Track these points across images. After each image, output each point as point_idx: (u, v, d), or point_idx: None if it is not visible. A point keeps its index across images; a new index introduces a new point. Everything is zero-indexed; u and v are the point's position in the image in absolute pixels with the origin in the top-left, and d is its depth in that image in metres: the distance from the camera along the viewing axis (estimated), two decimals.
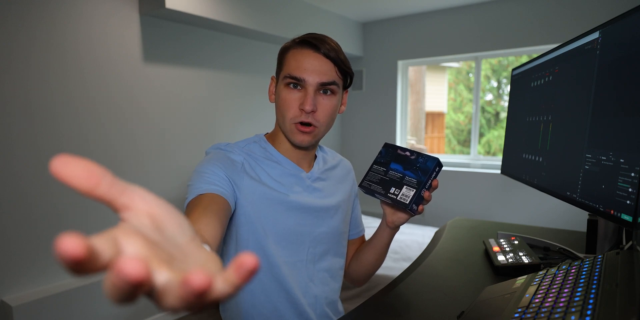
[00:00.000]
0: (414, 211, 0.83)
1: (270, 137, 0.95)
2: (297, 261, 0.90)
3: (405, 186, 0.84)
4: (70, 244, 0.18)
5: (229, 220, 0.81)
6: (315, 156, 0.99)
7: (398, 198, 0.83)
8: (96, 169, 0.23)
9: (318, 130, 0.86)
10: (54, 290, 1.84)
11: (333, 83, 0.84)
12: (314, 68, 0.82)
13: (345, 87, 0.91)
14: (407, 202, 0.82)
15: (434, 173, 0.83)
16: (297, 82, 0.83)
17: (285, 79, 0.83)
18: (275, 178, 0.88)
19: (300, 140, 0.86)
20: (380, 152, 0.92)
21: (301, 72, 0.81)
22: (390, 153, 0.90)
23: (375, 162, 0.92)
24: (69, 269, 0.19)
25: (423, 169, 0.83)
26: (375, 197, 0.88)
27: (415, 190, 0.82)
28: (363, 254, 1.03)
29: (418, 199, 0.82)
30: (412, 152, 0.87)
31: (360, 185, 0.92)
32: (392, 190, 0.85)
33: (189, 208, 0.72)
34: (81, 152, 2.00)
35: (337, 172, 1.02)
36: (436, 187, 0.83)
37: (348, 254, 1.08)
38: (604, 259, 0.63)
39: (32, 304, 1.75)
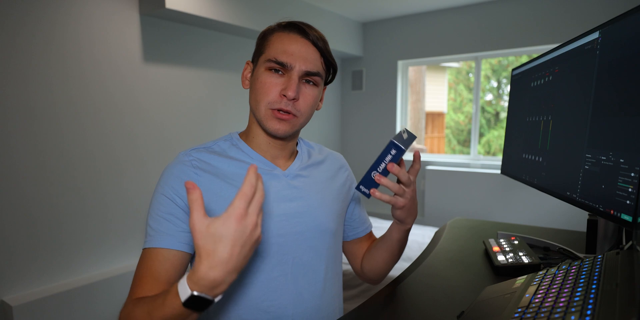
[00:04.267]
0: (364, 194, 0.75)
1: (244, 134, 0.87)
2: (279, 276, 0.78)
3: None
4: None
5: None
6: (297, 152, 0.89)
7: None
8: None
9: (297, 121, 0.78)
10: (54, 290, 1.84)
11: (317, 74, 0.77)
12: (300, 54, 0.75)
13: (327, 83, 0.84)
14: (357, 183, 0.78)
15: (388, 155, 0.72)
16: (280, 68, 0.75)
17: (268, 62, 0.75)
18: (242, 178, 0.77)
19: (276, 128, 0.76)
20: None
21: (287, 57, 0.74)
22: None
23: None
24: None
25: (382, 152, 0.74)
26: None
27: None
28: (375, 252, 0.94)
29: (366, 181, 0.74)
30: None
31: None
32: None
33: (146, 266, 0.69)
34: (81, 151, 2.00)
35: (323, 169, 0.91)
36: (396, 173, 0.72)
37: (358, 254, 1.00)
38: (604, 259, 0.63)
39: (32, 304, 1.75)
